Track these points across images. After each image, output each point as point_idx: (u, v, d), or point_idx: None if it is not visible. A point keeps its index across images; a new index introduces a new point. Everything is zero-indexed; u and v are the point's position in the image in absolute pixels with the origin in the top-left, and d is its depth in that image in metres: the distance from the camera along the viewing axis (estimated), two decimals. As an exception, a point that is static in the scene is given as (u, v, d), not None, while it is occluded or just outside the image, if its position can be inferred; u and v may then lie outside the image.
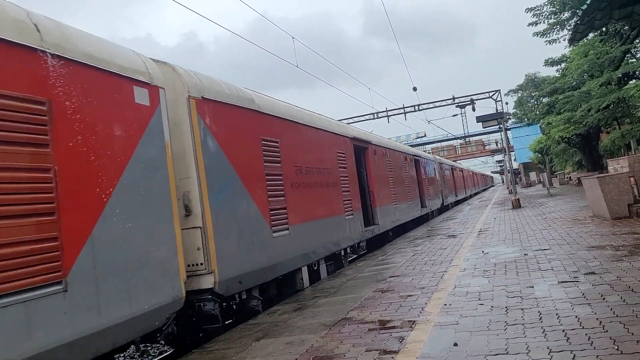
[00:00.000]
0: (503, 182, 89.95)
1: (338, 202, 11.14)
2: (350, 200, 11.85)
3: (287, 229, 8.46)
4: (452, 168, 35.62)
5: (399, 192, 17.07)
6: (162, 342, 6.43)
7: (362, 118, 34.44)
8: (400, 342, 4.72)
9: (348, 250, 11.79)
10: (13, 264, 3.80)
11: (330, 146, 11.31)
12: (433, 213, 24.77)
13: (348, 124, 22.34)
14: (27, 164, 4.07)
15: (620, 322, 4.32)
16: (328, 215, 10.49)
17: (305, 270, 9.23)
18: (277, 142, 8.62)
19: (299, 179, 9.30)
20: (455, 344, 4.37)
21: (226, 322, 8.66)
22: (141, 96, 5.58)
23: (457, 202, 37.15)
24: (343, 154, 12.02)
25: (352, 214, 11.83)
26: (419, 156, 22.86)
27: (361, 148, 13.91)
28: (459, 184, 39.18)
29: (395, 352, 4.43)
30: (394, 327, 5.28)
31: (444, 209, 28.60)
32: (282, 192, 8.53)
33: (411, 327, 5.19)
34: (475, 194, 59.80)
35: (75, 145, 4.55)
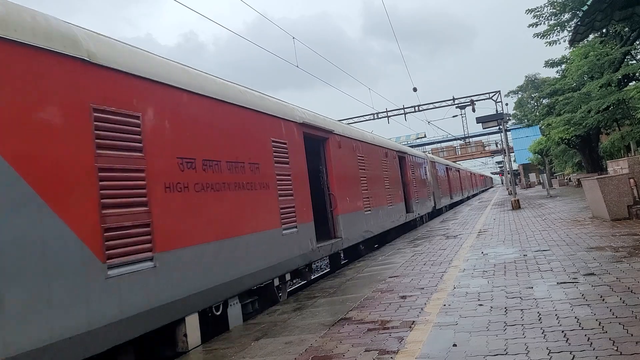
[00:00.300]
0: (502, 183, 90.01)
1: (270, 210, 8.01)
2: (292, 207, 8.74)
3: (151, 259, 5.28)
4: (447, 168, 33.08)
5: (375, 195, 14.20)
6: None
7: (362, 118, 34.45)
8: (400, 342, 4.72)
9: (288, 277, 8.64)
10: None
11: (257, 132, 7.99)
12: (423, 218, 22.14)
13: (348, 124, 22.17)
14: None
15: (619, 323, 4.32)
16: (246, 230, 7.21)
17: (193, 320, 5.93)
18: (137, 118, 5.45)
19: (186, 178, 6.05)
20: (455, 345, 4.37)
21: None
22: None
23: (453, 205, 35.11)
24: (283, 144, 8.84)
25: (295, 227, 8.73)
26: (405, 152, 19.92)
27: (318, 139, 10.99)
28: (454, 185, 36.97)
29: (395, 352, 4.43)
30: (393, 327, 5.28)
31: (436, 213, 26.20)
32: (145, 200, 5.34)
33: (410, 327, 5.19)
34: (474, 195, 57.58)
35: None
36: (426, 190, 23.28)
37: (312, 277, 11.04)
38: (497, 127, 27.27)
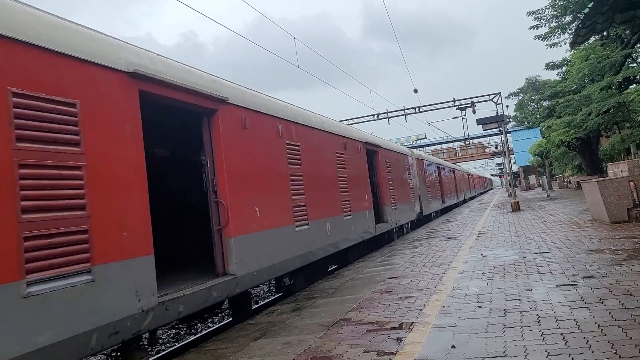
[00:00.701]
0: (502, 185, 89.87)
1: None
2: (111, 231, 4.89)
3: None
4: (438, 167, 29.38)
5: (316, 202, 9.95)
6: None
7: (362, 119, 34.47)
8: (398, 343, 4.71)
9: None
10: None
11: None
12: (403, 228, 18.12)
13: (349, 124, 21.98)
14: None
15: (618, 326, 4.31)
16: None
17: None
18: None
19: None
20: (453, 346, 4.37)
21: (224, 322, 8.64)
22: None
23: (446, 210, 31.28)
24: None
25: (111, 271, 4.82)
26: (378, 146, 15.47)
27: (199, 112, 6.97)
28: (448, 187, 33.02)
29: (393, 354, 4.42)
30: (392, 329, 5.28)
31: (423, 220, 22.36)
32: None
33: (409, 328, 5.18)
34: (471, 198, 53.96)
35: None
36: (409, 193, 19.37)
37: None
38: (498, 129, 27.25)
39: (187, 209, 9.47)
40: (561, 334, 4.33)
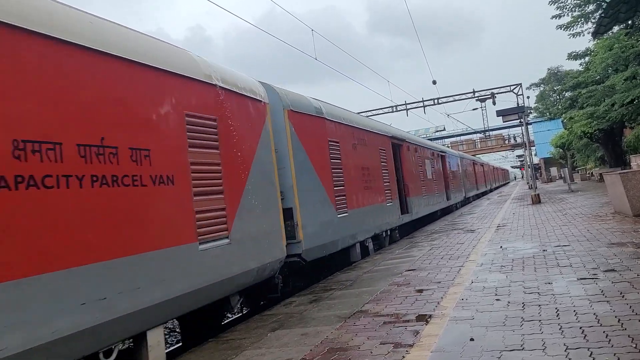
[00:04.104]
0: (522, 177, 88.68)
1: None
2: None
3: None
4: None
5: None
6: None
7: (380, 111, 34.33)
8: (415, 335, 4.72)
9: None
10: None
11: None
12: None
13: (368, 117, 21.94)
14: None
15: (639, 321, 4.25)
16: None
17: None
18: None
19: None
20: (472, 339, 4.36)
21: (243, 312, 8.75)
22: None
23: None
24: None
25: None
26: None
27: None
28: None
29: (410, 346, 4.43)
30: (409, 321, 5.28)
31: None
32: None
33: (426, 321, 5.18)
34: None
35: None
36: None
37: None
38: (518, 121, 26.89)
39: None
40: (580, 327, 4.29)
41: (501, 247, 9.82)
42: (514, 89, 29.40)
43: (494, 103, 30.94)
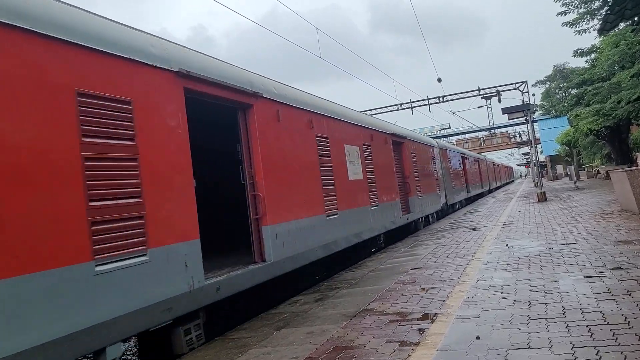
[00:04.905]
0: (525, 175, 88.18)
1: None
2: None
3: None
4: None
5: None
6: None
7: (385, 109, 34.26)
8: (421, 334, 4.72)
9: None
10: None
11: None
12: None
13: (372, 115, 21.78)
14: None
15: (646, 319, 4.23)
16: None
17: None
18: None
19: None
20: (478, 337, 4.35)
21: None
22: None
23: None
24: None
25: None
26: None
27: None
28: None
29: (416, 344, 4.43)
30: (414, 319, 5.28)
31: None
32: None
33: (432, 319, 5.18)
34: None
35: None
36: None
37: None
38: (524, 118, 26.76)
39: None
40: (587, 325, 4.28)
41: (507, 245, 9.79)
42: (520, 86, 29.29)
43: (500, 101, 30.83)
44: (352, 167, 10.98)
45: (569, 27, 26.56)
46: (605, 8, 22.71)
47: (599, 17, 24.88)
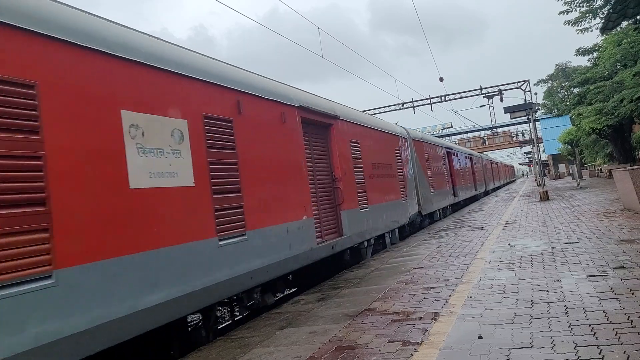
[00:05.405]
0: (526, 174, 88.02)
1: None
2: None
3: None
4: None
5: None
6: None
7: (387, 109, 34.26)
8: (424, 333, 4.72)
9: None
10: None
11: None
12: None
13: (373, 114, 21.84)
14: None
15: (649, 318, 4.23)
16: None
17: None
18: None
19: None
20: (480, 337, 4.35)
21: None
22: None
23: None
24: None
25: None
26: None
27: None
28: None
29: (418, 344, 4.43)
30: (417, 319, 5.28)
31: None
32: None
33: (434, 319, 5.18)
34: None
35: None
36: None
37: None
38: (526, 117, 26.75)
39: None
40: (589, 325, 4.28)
41: (509, 244, 9.78)
42: (522, 85, 29.26)
43: (502, 100, 30.82)
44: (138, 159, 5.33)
45: (571, 25, 26.52)
46: (608, 7, 22.67)
47: (601, 16, 24.84)
